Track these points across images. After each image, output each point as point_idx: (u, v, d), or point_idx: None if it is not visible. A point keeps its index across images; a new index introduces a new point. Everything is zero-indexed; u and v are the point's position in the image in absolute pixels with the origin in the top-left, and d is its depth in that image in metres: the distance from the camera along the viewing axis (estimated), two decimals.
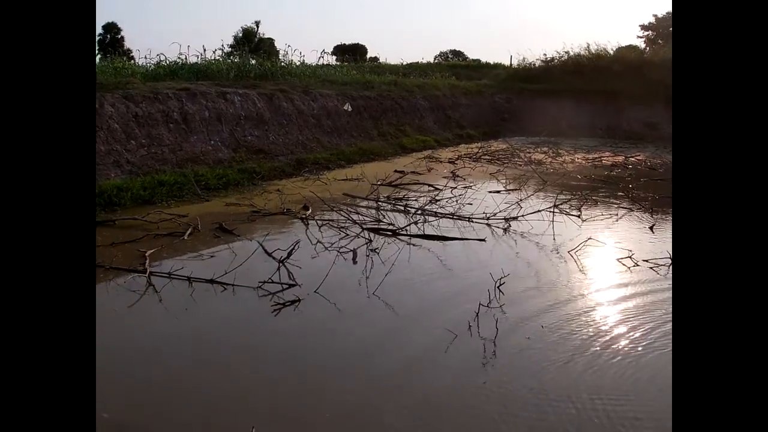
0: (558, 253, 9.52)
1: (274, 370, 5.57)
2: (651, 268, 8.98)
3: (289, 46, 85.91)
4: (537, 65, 39.13)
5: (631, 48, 44.91)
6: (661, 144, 28.42)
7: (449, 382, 5.40)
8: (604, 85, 33.33)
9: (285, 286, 7.44)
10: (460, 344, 6.05)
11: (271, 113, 17.76)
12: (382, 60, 50.56)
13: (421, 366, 5.67)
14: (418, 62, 46.60)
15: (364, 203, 12.24)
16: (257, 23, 49.52)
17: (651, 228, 11.80)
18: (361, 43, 62.22)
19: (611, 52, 39.21)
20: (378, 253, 8.81)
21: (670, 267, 8.99)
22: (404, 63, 44.37)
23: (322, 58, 30.09)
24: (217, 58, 22.50)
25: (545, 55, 39.97)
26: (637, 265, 9.11)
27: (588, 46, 39.26)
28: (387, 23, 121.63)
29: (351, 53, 56.58)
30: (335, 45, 61.78)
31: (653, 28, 63.85)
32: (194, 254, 8.76)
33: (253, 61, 23.04)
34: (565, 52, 39.24)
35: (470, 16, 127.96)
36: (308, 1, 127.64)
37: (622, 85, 33.41)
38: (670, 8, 74.82)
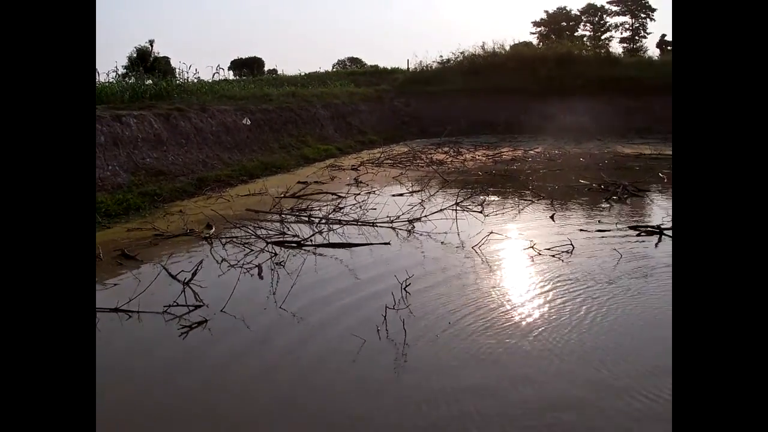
0: (463, 249, 9.70)
1: (182, 392, 5.48)
2: (553, 256, 9.26)
3: (184, 63, 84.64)
4: (434, 67, 39.81)
5: (525, 44, 46.11)
6: (559, 135, 29.23)
7: (354, 387, 5.43)
8: (500, 82, 34.15)
9: (191, 308, 7.32)
10: (368, 349, 6.09)
11: (168, 133, 17.44)
12: (280, 72, 50.29)
13: (331, 374, 5.68)
14: (316, 71, 46.53)
15: (269, 217, 12.17)
16: (151, 42, 48.51)
17: (552, 217, 12.16)
18: (258, 56, 61.65)
19: (506, 50, 40.20)
20: (284, 266, 8.79)
21: (572, 253, 9.31)
22: (303, 73, 44.27)
23: (218, 74, 29.81)
24: (111, 80, 22.00)
25: (441, 56, 40.76)
26: (540, 255, 9.38)
27: (483, 45, 40.22)
28: (284, 34, 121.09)
29: (248, 67, 56.12)
30: (232, 59, 61.10)
31: (545, 24, 65.70)
32: (97, 284, 8.56)
33: (149, 81, 22.60)
34: (461, 53, 40.10)
35: (367, 23, 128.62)
36: (204, 17, 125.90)
37: (518, 80, 34.30)
38: (560, 4, 77.21)
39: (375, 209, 12.33)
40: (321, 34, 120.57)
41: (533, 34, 65.72)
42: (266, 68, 57.92)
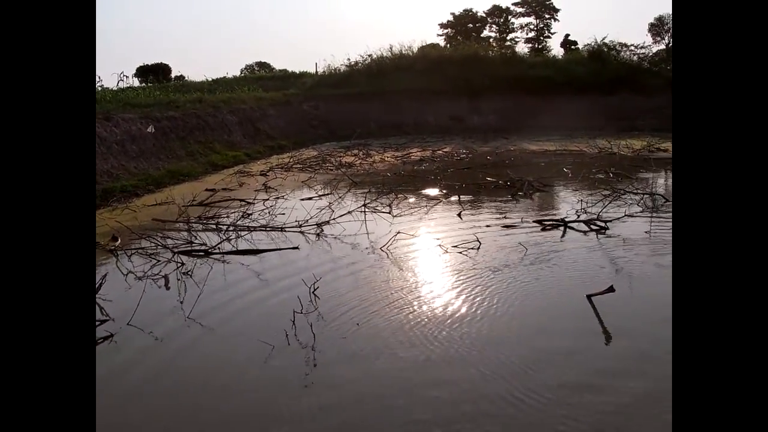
0: (372, 250, 9.77)
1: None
2: (460, 252, 9.43)
3: None
4: (342, 70, 39.83)
5: (432, 46, 46.67)
6: (467, 135, 29.71)
7: (268, 395, 5.40)
8: (408, 83, 34.51)
9: (97, 323, 7.16)
10: (277, 354, 6.07)
11: None
12: (187, 78, 49.48)
13: (239, 382, 5.64)
14: (224, 77, 46.01)
15: (176, 226, 11.98)
16: None
17: (459, 215, 12.36)
18: (164, 62, 60.31)
19: (414, 52, 40.62)
20: (191, 276, 8.66)
21: (478, 249, 9.50)
22: (210, 79, 43.72)
23: (123, 81, 29.16)
24: None
25: (349, 59, 40.80)
26: (448, 252, 9.53)
27: (391, 48, 40.47)
28: (191, 40, 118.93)
29: (154, 74, 54.98)
30: (138, 66, 59.63)
31: (452, 25, 66.50)
32: None
33: None
34: (368, 55, 40.25)
35: (274, 27, 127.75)
36: (108, 23, 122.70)
37: (426, 82, 34.73)
38: (466, 5, 78.30)
39: (284, 214, 12.29)
40: (229, 39, 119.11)
41: (440, 35, 66.47)
42: (173, 74, 56.84)
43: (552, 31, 66.31)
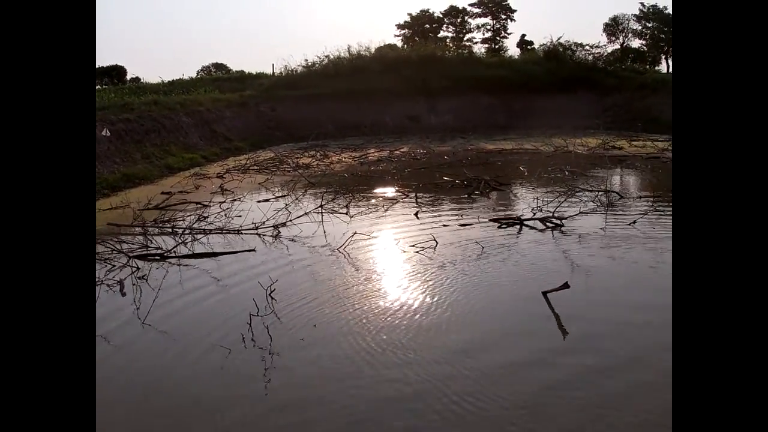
0: (329, 251, 9.76)
1: None
2: (417, 252, 9.48)
3: None
4: (299, 71, 39.67)
5: (390, 47, 46.71)
6: (424, 135, 29.82)
7: (225, 398, 5.37)
8: (366, 84, 34.50)
9: None
10: (234, 358, 6.05)
11: None
12: (143, 80, 48.96)
13: (196, 387, 5.61)
14: (180, 79, 45.51)
15: (131, 230, 11.84)
16: None
17: (416, 214, 12.42)
18: (120, 63, 59.44)
19: (371, 52, 40.64)
20: (147, 280, 8.57)
21: (435, 248, 9.56)
22: (166, 81, 43.24)
23: None
24: None
25: (306, 60, 40.68)
26: (404, 252, 9.58)
27: (348, 48, 40.45)
28: (147, 42, 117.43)
29: (109, 75, 54.31)
30: None
31: (409, 26, 66.63)
32: None
33: None
34: (326, 56, 40.17)
35: (231, 27, 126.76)
36: None
37: (383, 82, 34.78)
38: (423, 6, 78.54)
39: (240, 216, 12.21)
40: (186, 39, 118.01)
41: (398, 36, 66.53)
42: (129, 76, 56.14)
43: (509, 31, 66.80)
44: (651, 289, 7.73)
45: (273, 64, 59.28)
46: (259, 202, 14.20)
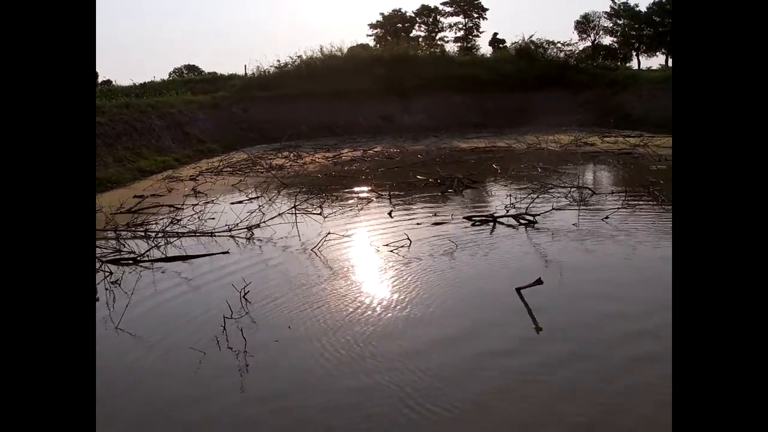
0: (303, 252, 9.75)
1: None
2: (391, 251, 9.50)
3: None
4: (272, 72, 39.61)
5: (362, 47, 46.77)
6: (397, 134, 29.89)
7: (199, 402, 5.34)
8: (339, 84, 34.54)
9: None
10: (208, 361, 6.02)
11: None
12: (115, 82, 48.56)
13: (171, 391, 5.58)
14: (152, 81, 45.16)
15: (103, 235, 11.74)
16: None
17: (389, 214, 12.45)
18: None
19: (344, 52, 40.66)
20: (119, 285, 8.50)
21: (409, 247, 9.59)
22: (137, 83, 42.91)
23: None
24: None
25: (279, 61, 40.63)
26: (378, 251, 9.59)
27: (321, 48, 40.45)
28: (118, 44, 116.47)
29: None
30: None
31: (381, 26, 66.76)
32: None
33: None
34: (298, 57, 40.14)
35: (203, 29, 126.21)
36: None
37: (356, 82, 34.82)
38: (395, 6, 78.60)
39: (214, 219, 12.14)
40: (157, 42, 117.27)
41: (370, 36, 66.68)
42: (100, 79, 55.64)
43: (481, 30, 67.16)
44: (624, 283, 7.83)
45: (245, 65, 59.10)
46: (232, 204, 14.13)
